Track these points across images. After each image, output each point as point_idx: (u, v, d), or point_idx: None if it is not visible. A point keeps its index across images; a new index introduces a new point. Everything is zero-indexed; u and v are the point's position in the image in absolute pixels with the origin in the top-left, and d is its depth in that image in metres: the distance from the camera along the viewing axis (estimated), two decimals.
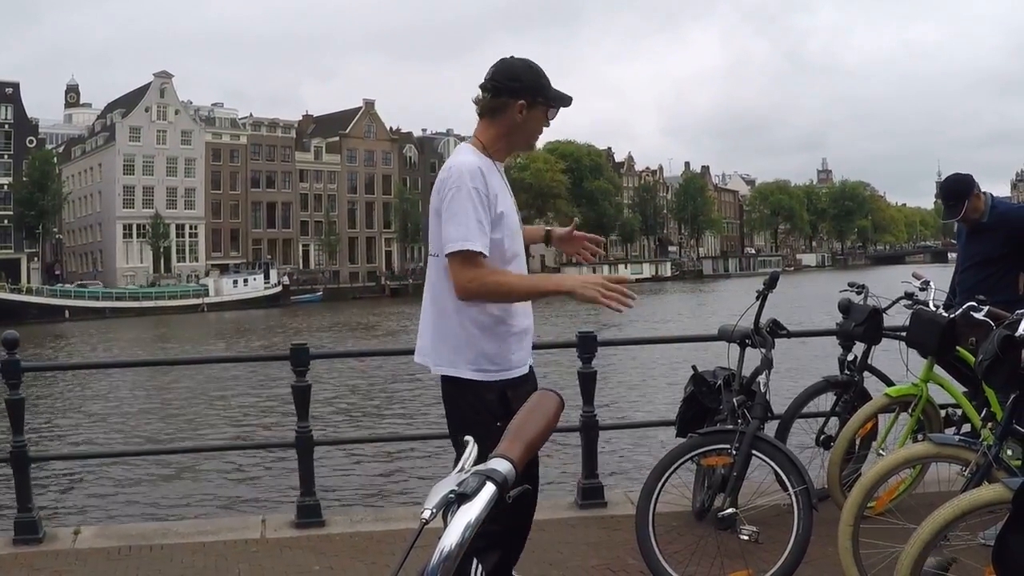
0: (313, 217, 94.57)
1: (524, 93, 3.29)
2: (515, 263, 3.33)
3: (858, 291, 6.03)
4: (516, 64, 3.34)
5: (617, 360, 22.12)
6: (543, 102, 3.33)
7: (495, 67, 3.35)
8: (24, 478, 5.71)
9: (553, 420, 1.70)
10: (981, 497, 3.28)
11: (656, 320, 45.15)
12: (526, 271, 3.41)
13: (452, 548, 1.39)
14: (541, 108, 3.34)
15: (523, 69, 3.33)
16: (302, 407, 5.97)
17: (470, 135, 3.50)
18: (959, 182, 5.73)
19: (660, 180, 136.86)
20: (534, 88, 3.31)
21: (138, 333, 51.17)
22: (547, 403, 1.71)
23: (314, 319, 57.13)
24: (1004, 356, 3.74)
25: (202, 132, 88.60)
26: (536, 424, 1.65)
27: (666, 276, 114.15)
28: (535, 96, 3.31)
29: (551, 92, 3.35)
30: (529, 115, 3.32)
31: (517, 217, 3.39)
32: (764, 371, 4.95)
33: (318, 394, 7.93)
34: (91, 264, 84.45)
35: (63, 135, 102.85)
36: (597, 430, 6.26)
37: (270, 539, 5.69)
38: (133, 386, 23.53)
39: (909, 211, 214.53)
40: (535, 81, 3.31)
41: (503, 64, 3.35)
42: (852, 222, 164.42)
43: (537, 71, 3.33)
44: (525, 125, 3.35)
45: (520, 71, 3.32)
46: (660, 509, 4.53)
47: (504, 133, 3.36)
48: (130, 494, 12.18)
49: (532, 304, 3.47)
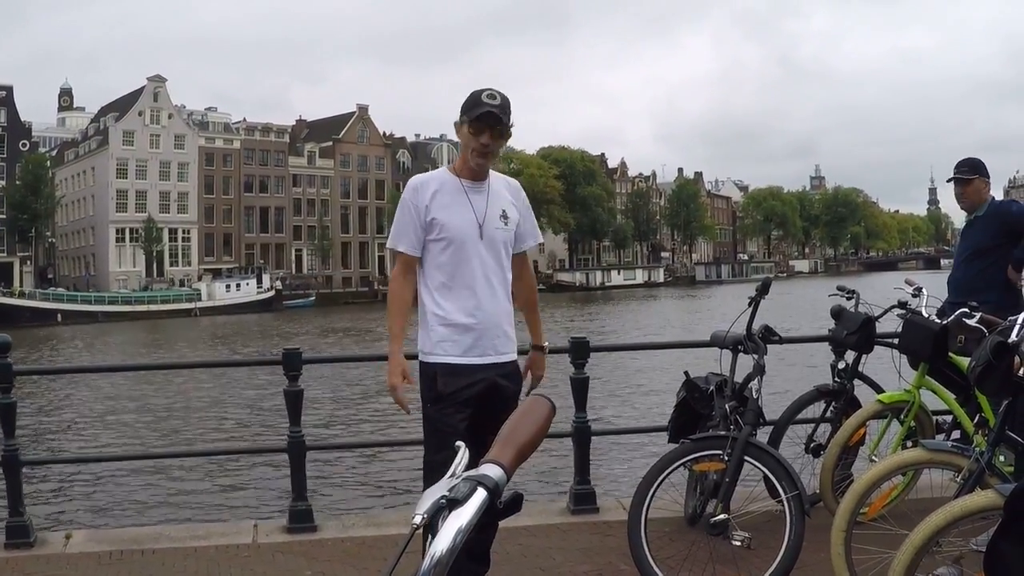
0: (306, 222, 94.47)
1: (460, 114, 3.87)
2: (447, 270, 3.93)
3: (847, 295, 6.04)
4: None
5: (610, 366, 22.08)
6: (465, 119, 3.82)
7: None
8: (16, 482, 5.68)
9: (545, 426, 1.70)
10: (973, 503, 3.28)
11: (649, 326, 45.19)
12: (474, 278, 3.93)
13: (443, 554, 1.39)
14: (466, 125, 3.83)
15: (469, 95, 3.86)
16: (294, 412, 5.96)
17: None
18: (977, 159, 6.13)
19: (653, 186, 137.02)
20: (462, 108, 3.85)
21: (130, 337, 51.05)
22: (539, 409, 1.71)
23: (307, 324, 57.06)
24: (997, 362, 3.75)
25: (195, 136, 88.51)
26: (528, 430, 1.65)
27: (659, 282, 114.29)
28: (461, 115, 3.86)
29: (469, 111, 3.80)
30: (461, 133, 3.89)
31: (469, 227, 3.91)
32: (756, 377, 4.95)
33: (311, 399, 7.92)
34: (84, 268, 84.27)
35: (56, 138, 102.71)
36: (589, 436, 6.25)
37: (262, 544, 5.67)
38: (125, 390, 23.43)
39: (902, 218, 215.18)
40: (465, 101, 3.84)
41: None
42: (845, 229, 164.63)
43: (471, 94, 3.83)
44: (461, 142, 3.94)
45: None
46: (652, 515, 4.52)
47: (461, 152, 4.03)
48: (122, 499, 12.13)
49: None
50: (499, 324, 3.98)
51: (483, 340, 3.93)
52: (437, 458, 3.90)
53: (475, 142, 3.82)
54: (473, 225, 3.89)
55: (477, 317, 3.91)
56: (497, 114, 3.76)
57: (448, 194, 3.91)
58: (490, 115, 3.75)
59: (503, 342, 4.00)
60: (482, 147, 3.82)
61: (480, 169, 3.92)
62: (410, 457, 13.48)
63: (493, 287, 3.95)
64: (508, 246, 4.04)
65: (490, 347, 3.95)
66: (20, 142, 77.92)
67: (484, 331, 3.92)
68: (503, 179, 4.14)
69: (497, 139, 3.85)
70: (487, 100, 3.76)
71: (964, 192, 6.06)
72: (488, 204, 3.93)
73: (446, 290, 3.93)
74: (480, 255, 3.91)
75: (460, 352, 3.90)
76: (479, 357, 3.92)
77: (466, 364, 3.90)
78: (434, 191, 3.91)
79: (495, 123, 3.78)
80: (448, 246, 3.89)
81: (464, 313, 3.90)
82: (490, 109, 3.74)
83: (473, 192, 3.92)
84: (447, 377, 3.90)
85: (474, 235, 3.89)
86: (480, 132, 3.79)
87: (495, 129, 3.80)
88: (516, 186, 4.19)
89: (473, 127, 3.78)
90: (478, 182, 3.95)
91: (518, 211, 4.08)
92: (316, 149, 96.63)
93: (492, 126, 3.78)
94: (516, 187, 4.19)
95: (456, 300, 3.91)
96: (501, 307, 3.99)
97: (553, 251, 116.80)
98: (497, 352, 3.97)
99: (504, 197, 4.03)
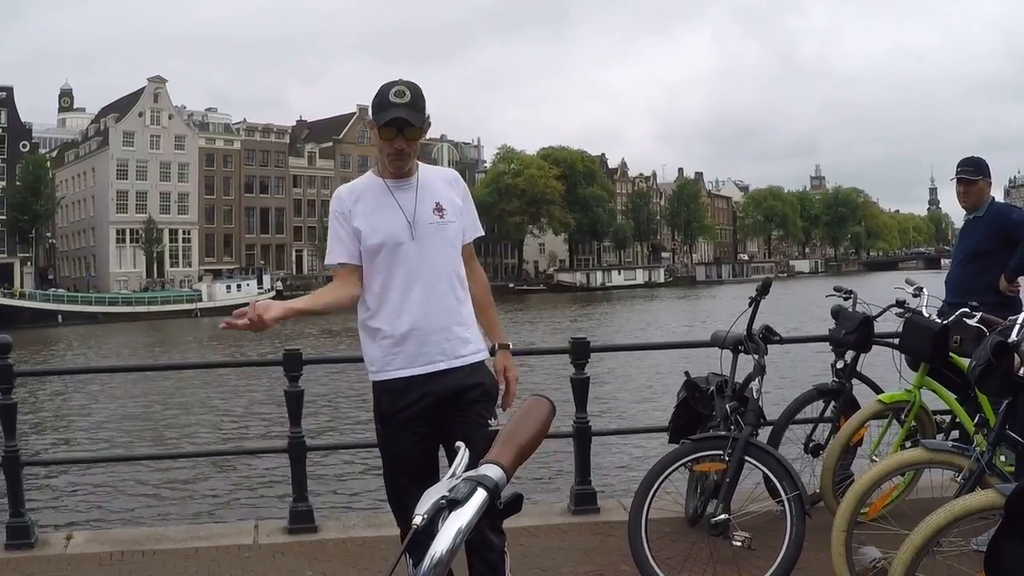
0: (307, 222, 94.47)
1: (371, 113, 3.56)
2: (381, 278, 3.57)
3: (845, 296, 6.04)
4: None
5: (610, 366, 22.09)
6: (374, 122, 3.51)
7: None
8: (16, 483, 5.69)
9: (545, 426, 1.70)
10: (974, 503, 3.28)
11: (649, 326, 45.21)
12: (411, 281, 3.55)
13: (443, 554, 1.39)
14: (375, 128, 3.53)
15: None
16: (295, 413, 5.96)
17: (463, 141, 3.64)
18: (981, 159, 6.13)
19: (653, 186, 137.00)
20: (372, 108, 3.53)
21: (131, 338, 51.05)
22: (539, 409, 1.71)
23: (307, 324, 57.04)
24: (997, 362, 3.75)
25: (196, 137, 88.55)
26: (527, 430, 1.65)
27: (659, 282, 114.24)
28: (371, 115, 3.55)
29: (377, 115, 3.48)
30: (373, 135, 3.58)
31: (398, 228, 3.55)
32: (757, 377, 4.95)
33: (311, 399, 7.92)
34: (84, 269, 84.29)
35: (56, 139, 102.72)
36: (590, 436, 6.25)
37: (263, 545, 5.68)
38: (126, 391, 23.45)
39: (902, 217, 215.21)
40: (372, 101, 3.51)
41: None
42: (845, 228, 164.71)
43: (378, 92, 3.49)
44: (376, 144, 3.58)
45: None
46: (653, 515, 4.53)
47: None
48: (122, 499, 12.14)
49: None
50: (445, 326, 3.56)
51: (428, 347, 3.53)
52: (389, 486, 3.67)
53: (389, 147, 3.50)
54: (402, 225, 3.54)
55: (417, 323, 3.52)
56: (404, 118, 3.43)
57: (372, 199, 3.60)
58: (397, 120, 3.43)
59: (456, 344, 3.58)
60: (396, 152, 3.50)
61: (400, 170, 3.59)
62: None
63: (434, 288, 3.55)
64: (451, 240, 3.64)
65: (439, 352, 3.54)
66: (20, 143, 77.88)
67: (427, 337, 3.52)
68: (436, 170, 3.82)
69: (412, 140, 3.51)
70: (394, 99, 3.43)
71: (967, 192, 6.08)
72: (417, 200, 3.58)
73: (381, 299, 3.57)
74: (416, 256, 3.54)
75: (404, 364, 3.53)
76: (427, 365, 3.52)
77: (411, 376, 3.52)
78: (357, 198, 3.61)
79: (404, 127, 3.45)
80: (378, 252, 3.55)
81: (402, 320, 3.53)
82: (396, 115, 3.42)
83: (400, 191, 3.59)
84: (390, 395, 3.55)
85: (405, 235, 3.54)
86: (391, 137, 3.47)
87: (406, 131, 3.47)
88: (454, 176, 3.83)
89: (383, 132, 3.47)
90: (404, 179, 3.60)
91: (460, 200, 3.71)
92: (316, 150, 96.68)
93: (401, 129, 3.46)
94: (454, 176, 3.82)
95: (393, 307, 3.55)
96: (446, 307, 3.58)
97: (553, 251, 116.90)
98: (449, 356, 3.55)
99: (437, 189, 3.66)
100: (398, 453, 3.57)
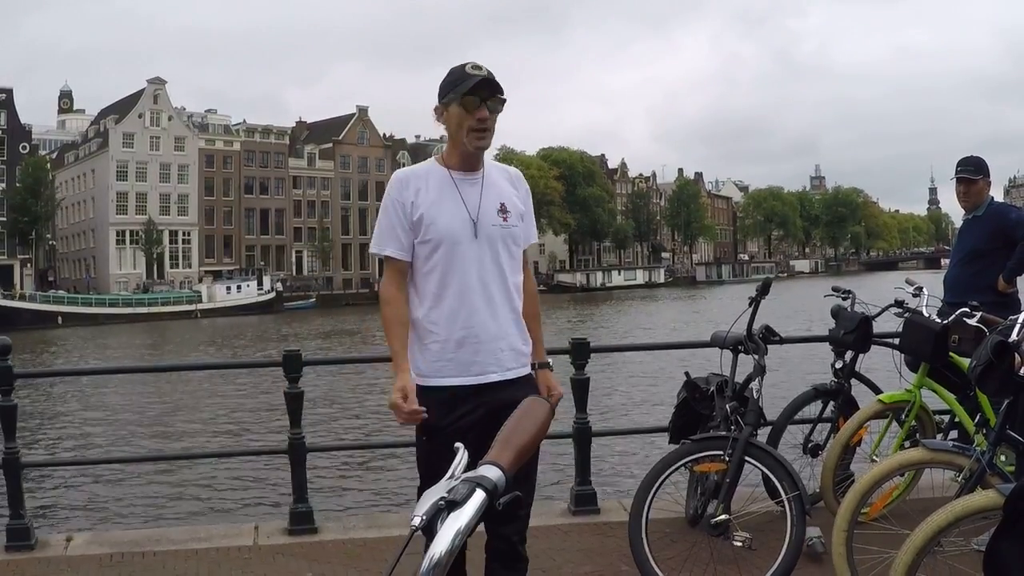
0: (306, 223, 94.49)
1: (439, 100, 3.37)
2: (437, 277, 3.37)
3: (843, 296, 6.04)
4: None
5: (610, 367, 22.09)
6: (452, 98, 3.30)
7: None
8: (16, 484, 5.68)
9: (543, 427, 1.70)
10: (976, 503, 3.27)
11: (649, 327, 45.19)
12: (469, 284, 3.37)
13: (442, 555, 1.39)
14: (454, 104, 3.30)
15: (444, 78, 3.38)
16: (295, 414, 5.95)
17: None
18: (980, 159, 6.14)
19: (653, 187, 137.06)
20: (441, 89, 3.35)
21: (131, 339, 51.04)
22: (537, 410, 1.71)
23: (307, 325, 57.07)
24: (997, 362, 3.74)
25: (195, 138, 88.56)
26: (526, 431, 1.65)
27: (659, 282, 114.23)
28: (443, 96, 3.34)
29: (457, 87, 3.28)
30: (447, 116, 3.35)
31: (461, 225, 3.36)
32: (757, 377, 4.95)
33: (311, 401, 7.92)
34: (84, 270, 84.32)
35: (56, 141, 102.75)
36: (590, 436, 6.25)
37: (263, 546, 5.67)
38: (125, 392, 23.45)
39: (902, 217, 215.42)
40: (443, 82, 3.34)
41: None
42: (845, 229, 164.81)
43: (449, 72, 3.34)
44: (448, 127, 3.37)
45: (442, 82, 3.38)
46: (653, 516, 4.53)
47: (448, 141, 3.45)
48: (122, 501, 12.14)
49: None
50: (503, 336, 3.39)
51: (482, 355, 3.35)
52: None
53: (471, 119, 3.27)
54: (465, 223, 3.34)
55: (474, 330, 3.35)
56: (493, 80, 3.26)
57: (435, 188, 3.38)
58: (486, 82, 3.24)
59: (509, 356, 3.41)
60: (480, 123, 3.28)
61: (477, 154, 3.39)
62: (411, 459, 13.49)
63: (491, 294, 3.38)
64: (512, 245, 3.46)
65: (493, 363, 3.37)
66: (20, 145, 77.91)
67: (482, 345, 3.35)
68: (500, 168, 3.60)
69: (493, 112, 3.30)
70: (472, 71, 3.26)
71: (967, 192, 6.09)
72: (483, 197, 3.39)
73: (437, 300, 3.36)
74: (475, 257, 3.35)
75: (454, 372, 3.34)
76: (479, 376, 3.35)
77: (461, 386, 3.33)
78: (419, 186, 3.38)
79: (493, 91, 3.27)
80: (437, 248, 3.34)
81: (458, 325, 3.34)
82: (482, 77, 3.24)
83: (465, 184, 3.39)
84: (442, 404, 3.31)
85: (467, 234, 3.34)
86: (475, 106, 3.25)
87: (491, 101, 3.28)
88: (516, 175, 3.62)
89: (466, 102, 3.25)
90: (471, 173, 3.41)
91: (522, 203, 3.52)
92: (316, 151, 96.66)
93: (487, 98, 3.26)
94: (517, 176, 3.62)
95: (449, 311, 3.35)
96: (504, 316, 3.41)
97: (553, 252, 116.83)
98: (502, 368, 3.39)
99: (502, 188, 3.48)
100: (445, 469, 3.31)
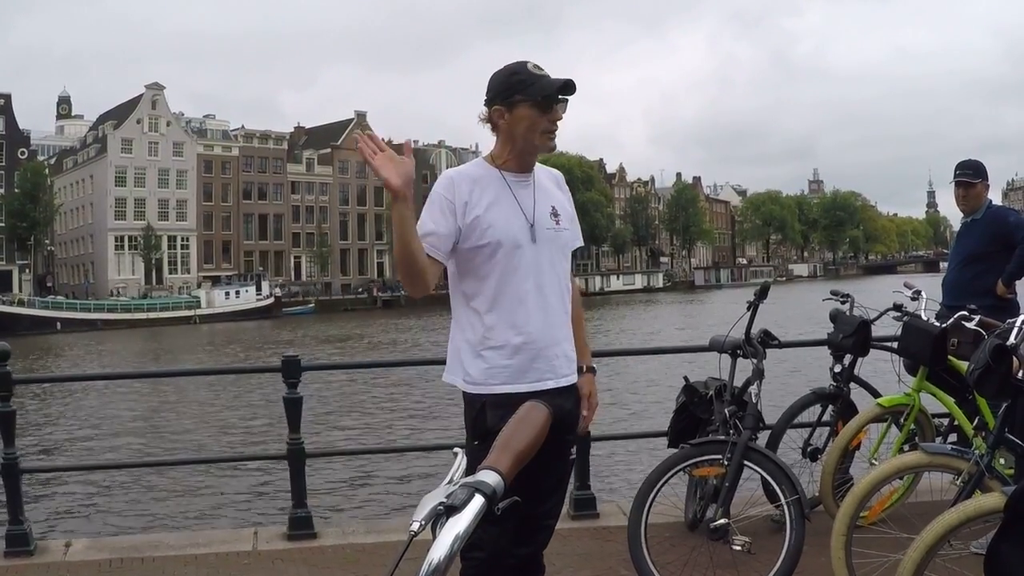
0: (305, 229, 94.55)
1: (497, 99, 3.20)
2: (494, 281, 3.23)
3: (842, 300, 6.04)
4: (496, 73, 3.25)
5: (608, 371, 22.08)
6: (522, 99, 3.15)
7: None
8: (15, 490, 5.68)
9: (542, 431, 1.70)
10: (986, 504, 3.25)
11: (648, 331, 45.20)
12: (526, 289, 3.24)
13: (440, 560, 1.39)
14: (524, 106, 3.16)
15: (497, 75, 3.23)
16: (294, 419, 5.95)
17: (460, 147, 3.45)
18: (979, 162, 6.16)
19: (651, 191, 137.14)
20: (505, 89, 3.18)
21: (130, 345, 51.04)
22: (535, 414, 1.71)
23: (306, 331, 57.07)
24: (996, 365, 3.74)
25: (194, 144, 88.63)
26: (524, 435, 1.65)
27: (658, 287, 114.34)
28: (508, 97, 3.18)
29: (529, 88, 3.15)
30: (512, 117, 3.18)
31: (519, 229, 3.23)
32: (756, 381, 4.96)
33: (310, 406, 7.92)
34: (83, 276, 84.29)
35: (55, 146, 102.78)
36: (589, 441, 6.25)
37: (262, 551, 5.67)
38: (124, 398, 23.44)
39: (901, 221, 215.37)
40: (506, 81, 3.18)
41: (491, 77, 3.26)
42: (843, 232, 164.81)
43: (510, 71, 3.20)
44: (514, 128, 3.20)
45: (494, 79, 3.23)
46: (652, 520, 4.53)
47: (503, 142, 3.26)
48: (121, 506, 12.13)
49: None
50: (557, 343, 3.29)
51: (539, 362, 3.24)
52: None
53: (544, 121, 3.17)
54: (523, 226, 3.23)
55: (532, 336, 3.23)
56: (573, 82, 3.17)
57: (492, 191, 3.24)
58: (571, 84, 3.16)
59: (563, 363, 3.31)
60: (554, 124, 3.20)
61: (535, 156, 3.30)
62: (410, 464, 13.50)
63: (547, 300, 3.27)
64: (564, 249, 3.38)
65: (548, 370, 3.25)
66: (19, 150, 77.98)
67: (539, 352, 3.24)
68: (545, 170, 3.46)
69: (563, 113, 3.23)
70: (536, 71, 3.17)
71: (966, 195, 6.09)
72: (536, 200, 3.28)
73: (493, 305, 3.23)
74: (533, 262, 3.24)
75: (513, 378, 3.21)
76: (535, 383, 3.21)
77: (521, 393, 3.13)
78: (473, 186, 3.23)
79: (572, 91, 3.17)
80: (495, 252, 3.20)
81: (515, 331, 3.21)
82: (568, 79, 3.16)
83: (518, 187, 3.27)
84: (498, 409, 3.13)
85: (525, 238, 3.23)
86: (549, 108, 3.16)
87: (565, 102, 3.19)
88: (559, 177, 3.50)
89: (545, 103, 3.15)
90: (523, 175, 3.30)
91: (569, 206, 3.45)
92: (315, 156, 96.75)
93: (566, 99, 3.18)
94: (559, 178, 3.50)
95: (506, 317, 3.22)
96: (559, 323, 3.31)
97: None
98: (557, 375, 3.27)
99: (551, 191, 3.39)
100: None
